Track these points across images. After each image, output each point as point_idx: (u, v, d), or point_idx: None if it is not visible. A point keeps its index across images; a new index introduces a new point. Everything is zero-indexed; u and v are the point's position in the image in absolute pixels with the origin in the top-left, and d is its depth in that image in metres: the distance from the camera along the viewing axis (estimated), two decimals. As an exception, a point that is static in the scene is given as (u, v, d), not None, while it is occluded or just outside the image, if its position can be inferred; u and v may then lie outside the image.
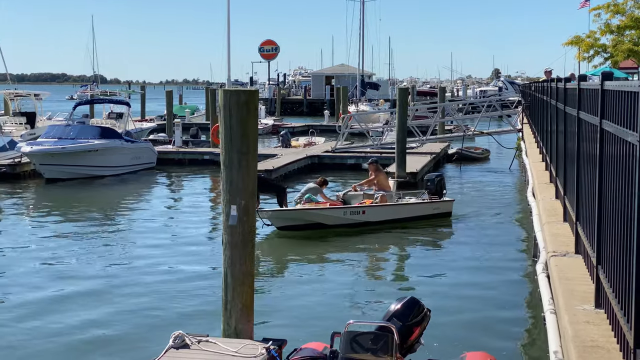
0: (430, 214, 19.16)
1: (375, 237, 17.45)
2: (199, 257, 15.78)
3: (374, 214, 18.32)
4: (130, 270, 14.77)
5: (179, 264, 15.15)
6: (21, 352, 10.19)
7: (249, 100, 8.60)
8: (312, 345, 7.99)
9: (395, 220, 18.51)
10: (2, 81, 64.52)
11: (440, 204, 19.39)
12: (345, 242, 17.03)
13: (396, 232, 18.04)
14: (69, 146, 27.22)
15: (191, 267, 15.01)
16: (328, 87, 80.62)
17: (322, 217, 17.76)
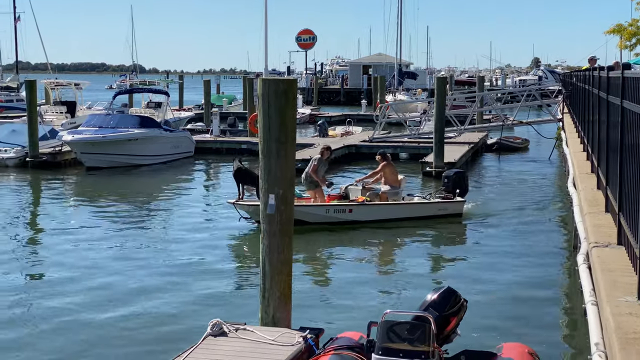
0: (434, 214, 17.76)
1: (403, 230, 17.30)
2: (237, 245, 15.85)
3: (362, 213, 17.24)
4: (169, 257, 14.90)
5: (217, 252, 15.25)
6: (63, 337, 10.34)
7: (287, 89, 8.60)
8: (348, 335, 8.00)
9: (388, 221, 17.31)
10: (43, 71, 65.51)
11: (448, 204, 17.94)
12: (377, 234, 16.95)
13: (412, 228, 17.16)
14: (110, 135, 27.51)
15: (229, 255, 15.11)
16: (365, 76, 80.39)
17: (302, 214, 16.36)
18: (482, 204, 20.15)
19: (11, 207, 20.93)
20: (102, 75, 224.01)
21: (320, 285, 13.18)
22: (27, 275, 13.82)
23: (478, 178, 27.05)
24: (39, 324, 10.93)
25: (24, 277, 13.66)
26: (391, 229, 17.21)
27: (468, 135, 33.47)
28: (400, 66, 71.36)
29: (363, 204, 17.43)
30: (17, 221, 19.02)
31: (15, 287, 12.90)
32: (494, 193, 23.18)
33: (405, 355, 6.69)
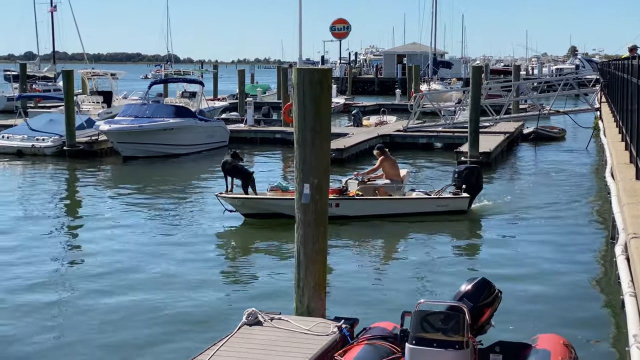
0: (433, 211, 16.97)
1: (438, 219, 17.20)
2: (272, 235, 15.88)
3: (349, 207, 16.63)
4: (205, 246, 15.00)
5: (252, 241, 15.33)
6: (99, 325, 10.47)
7: (322, 78, 8.58)
8: (381, 325, 8.00)
9: (381, 216, 16.70)
10: (79, 61, 66.13)
11: (449, 200, 17.09)
12: (406, 226, 16.88)
13: (412, 224, 16.65)
14: (146, 124, 27.73)
15: (264, 245, 15.16)
16: (400, 65, 79.94)
17: (282, 207, 16.11)
18: (513, 195, 19.98)
19: (49, 195, 21.22)
20: (138, 65, 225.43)
21: (353, 276, 13.17)
22: (63, 262, 14.01)
23: (513, 168, 26.86)
24: (76, 311, 11.07)
25: (61, 264, 13.84)
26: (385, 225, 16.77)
27: (503, 125, 33.19)
28: (435, 55, 70.85)
29: (351, 198, 16.69)
30: (54, 209, 19.29)
31: (53, 273, 13.08)
32: (530, 183, 23.01)
33: (439, 345, 6.67)
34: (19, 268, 13.36)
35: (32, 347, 9.65)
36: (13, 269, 13.28)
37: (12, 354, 9.46)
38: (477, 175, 17.43)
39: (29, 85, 51.62)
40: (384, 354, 7.27)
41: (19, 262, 13.76)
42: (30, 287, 12.25)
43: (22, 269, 13.29)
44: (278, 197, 16.55)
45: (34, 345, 9.73)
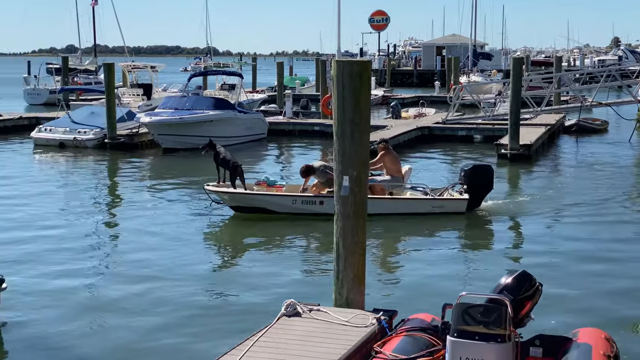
0: (428, 212, 16.15)
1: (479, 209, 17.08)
2: (311, 226, 15.89)
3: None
4: (243, 238, 15.09)
5: (291, 233, 15.35)
6: (139, 316, 10.60)
7: (362, 70, 8.56)
8: (420, 316, 7.99)
9: (371, 215, 16.29)
10: (120, 54, 66.79)
11: (445, 201, 16.41)
12: (449, 219, 16.79)
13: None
14: (186, 117, 27.93)
15: (303, 237, 15.18)
16: (439, 57, 79.50)
17: (267, 203, 16.25)
18: (554, 189, 19.76)
19: (90, 187, 21.51)
20: (177, 57, 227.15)
21: (391, 268, 13.15)
22: (103, 253, 14.19)
23: (554, 161, 26.58)
24: (118, 302, 11.21)
25: (100, 255, 14.02)
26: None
27: (544, 117, 32.84)
28: (475, 47, 70.26)
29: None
30: (95, 201, 19.53)
31: (92, 263, 13.27)
32: (571, 176, 22.78)
33: (481, 338, 6.64)
34: (60, 257, 13.59)
35: (77, 332, 9.81)
36: (54, 258, 13.51)
37: (58, 339, 9.62)
38: (485, 174, 16.74)
39: (70, 79, 52.28)
40: (423, 346, 7.26)
41: (60, 252, 13.98)
42: (68, 274, 12.45)
43: (63, 258, 13.51)
44: (260, 193, 16.49)
45: (79, 330, 9.89)
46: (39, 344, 9.60)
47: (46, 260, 13.43)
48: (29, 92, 53.37)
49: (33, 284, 11.93)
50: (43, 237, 15.15)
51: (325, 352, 7.26)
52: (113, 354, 9.30)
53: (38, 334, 9.88)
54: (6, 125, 34.04)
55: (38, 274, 12.59)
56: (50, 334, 9.90)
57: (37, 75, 56.89)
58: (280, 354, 7.24)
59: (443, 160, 27.27)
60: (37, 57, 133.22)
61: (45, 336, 9.83)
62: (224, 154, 16.86)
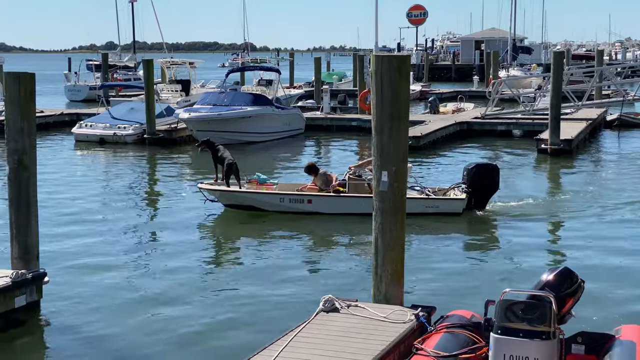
0: (421, 212, 15.41)
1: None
2: (349, 222, 15.83)
3: (322, 204, 15.97)
4: (281, 233, 15.08)
5: (328, 229, 15.32)
6: (182, 313, 10.66)
7: (400, 65, 8.51)
8: (459, 313, 7.92)
9: (358, 215, 15.29)
10: (158, 50, 67.22)
11: (439, 201, 15.93)
12: (491, 215, 16.64)
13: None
14: (224, 112, 28.04)
15: (342, 232, 15.13)
16: (477, 52, 78.85)
17: (255, 201, 16.32)
18: (596, 185, 19.47)
19: (129, 182, 21.72)
20: (215, 53, 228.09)
21: (428, 264, 13.07)
22: (144, 248, 14.30)
23: (596, 156, 26.22)
24: (156, 296, 11.31)
25: (141, 250, 14.13)
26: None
27: (586, 112, 32.41)
28: (514, 41, 69.58)
29: (325, 195, 16.01)
30: (134, 196, 19.71)
31: (133, 259, 13.39)
32: (613, 171, 22.49)
33: (525, 335, 6.56)
34: (100, 250, 13.74)
35: (117, 324, 9.92)
36: (95, 251, 13.66)
37: (98, 331, 9.73)
38: (489, 173, 16.22)
39: (110, 75, 52.83)
40: (464, 343, 7.20)
41: (100, 246, 14.14)
42: (109, 268, 12.59)
43: (103, 252, 13.67)
44: (249, 191, 16.53)
45: (119, 322, 9.99)
46: (80, 336, 9.71)
47: (87, 254, 13.58)
48: (70, 89, 54.04)
49: (74, 277, 12.08)
50: (83, 231, 15.32)
51: (363, 348, 7.24)
52: (151, 345, 9.37)
53: (79, 326, 10.00)
54: (48, 121, 34.50)
55: (79, 267, 12.73)
56: (90, 325, 10.01)
57: (77, 72, 57.58)
58: (319, 350, 7.23)
59: (482, 156, 27.04)
60: (78, 54, 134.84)
61: (86, 328, 9.94)
62: (221, 151, 16.98)
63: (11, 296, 9.63)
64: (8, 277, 9.70)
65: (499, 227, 15.66)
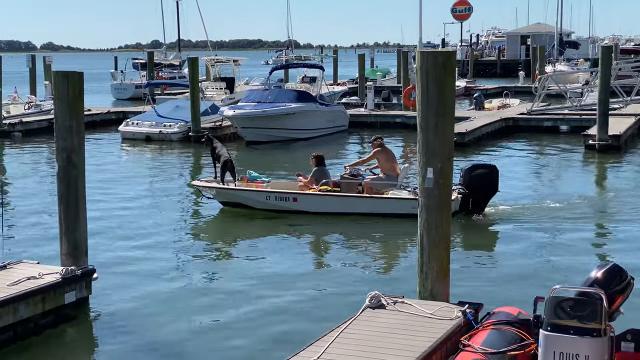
0: (407, 213, 14.60)
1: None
2: (394, 218, 15.78)
3: (308, 203, 15.79)
4: (326, 229, 15.07)
5: (373, 225, 15.26)
6: (228, 310, 10.74)
7: (446, 61, 8.46)
8: (506, 310, 7.86)
9: (346, 214, 15.43)
10: (203, 48, 67.82)
11: None
12: (532, 212, 16.42)
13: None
14: (269, 110, 28.14)
15: (387, 229, 15.08)
16: (523, 47, 77.99)
17: (243, 198, 16.33)
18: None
19: (175, 179, 21.94)
20: (259, 51, 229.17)
21: (475, 261, 12.97)
22: (191, 246, 14.43)
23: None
24: (202, 294, 11.40)
25: (188, 248, 14.26)
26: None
27: (634, 107, 31.81)
28: (561, 35, 68.64)
29: (310, 193, 15.88)
30: (180, 193, 19.87)
31: (180, 257, 13.52)
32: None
33: (575, 332, 6.47)
34: (148, 248, 13.90)
35: (164, 322, 10.03)
36: (142, 249, 13.83)
37: (145, 328, 9.85)
38: (488, 175, 15.53)
39: (155, 73, 53.39)
40: (512, 339, 7.14)
41: (148, 244, 14.31)
42: (157, 265, 12.72)
43: (151, 250, 13.83)
44: (237, 188, 16.51)
45: (166, 320, 10.10)
46: (127, 331, 9.84)
47: (134, 251, 13.76)
48: (116, 87, 54.75)
49: (122, 274, 12.24)
50: (131, 228, 15.52)
51: (410, 345, 7.22)
52: (196, 341, 9.45)
53: (127, 322, 10.13)
54: (95, 119, 34.99)
55: (127, 263, 12.90)
56: (138, 321, 10.14)
57: (123, 70, 58.32)
58: (366, 346, 7.23)
59: (528, 152, 26.77)
60: (124, 52, 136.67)
61: (133, 324, 10.07)
62: (218, 148, 17.07)
63: (61, 292, 9.78)
64: (58, 273, 9.87)
65: (544, 224, 15.44)
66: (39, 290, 9.48)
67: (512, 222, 15.45)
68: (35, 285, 9.51)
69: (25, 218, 16.34)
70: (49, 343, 9.45)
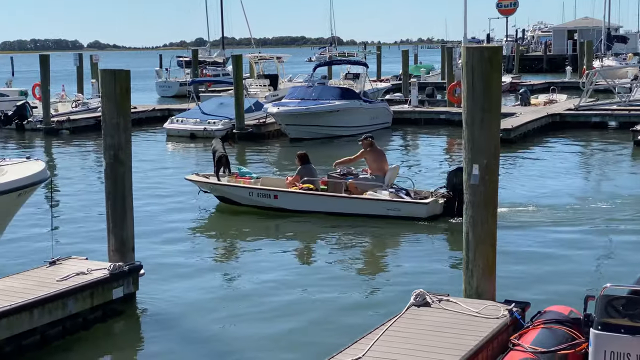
0: (383, 215, 14.96)
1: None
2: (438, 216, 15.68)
3: (288, 201, 15.89)
4: (371, 226, 15.00)
5: (419, 222, 15.17)
6: (275, 307, 10.78)
7: (492, 57, 8.38)
8: (556, 308, 7.75)
9: (326, 214, 15.41)
10: (246, 45, 68.11)
11: (401, 204, 15.07)
12: (579, 210, 16.16)
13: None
14: (313, 107, 28.16)
15: (431, 226, 14.98)
16: (570, 41, 76.97)
17: (228, 193, 16.59)
18: None
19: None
20: (302, 48, 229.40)
21: (521, 260, 12.82)
22: (238, 245, 14.51)
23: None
24: (250, 292, 11.45)
25: (235, 247, 14.36)
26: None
27: (685, 102, 31.23)
28: (609, 29, 67.57)
29: (290, 191, 16.00)
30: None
31: (227, 255, 13.61)
32: None
33: (626, 331, 6.36)
34: (195, 246, 14.04)
35: (210, 319, 10.10)
36: (189, 246, 13.96)
37: (192, 323, 9.94)
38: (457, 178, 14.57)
39: (199, 71, 53.77)
40: (563, 338, 7.04)
41: (195, 241, 14.45)
42: (202, 262, 12.83)
43: (198, 247, 13.97)
44: (223, 183, 16.68)
45: (212, 317, 10.18)
46: (174, 327, 9.94)
47: (180, 247, 13.88)
48: (161, 85, 55.26)
49: (168, 270, 12.35)
50: (177, 224, 15.66)
51: (456, 343, 7.16)
52: (242, 338, 9.50)
53: (173, 317, 10.23)
54: (140, 117, 35.39)
55: (173, 259, 13.02)
56: (185, 317, 10.22)
57: (168, 68, 58.89)
58: (411, 344, 7.20)
59: (575, 148, 26.41)
60: (168, 50, 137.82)
61: (180, 319, 10.16)
62: (214, 144, 17.43)
63: (109, 288, 9.91)
64: (106, 269, 9.99)
65: (592, 222, 15.18)
66: (87, 285, 9.62)
67: (559, 221, 15.22)
68: (84, 281, 9.64)
69: (73, 215, 16.59)
70: (97, 338, 9.58)
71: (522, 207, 15.93)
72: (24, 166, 12.41)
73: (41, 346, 9.06)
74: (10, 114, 32.95)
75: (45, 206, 16.76)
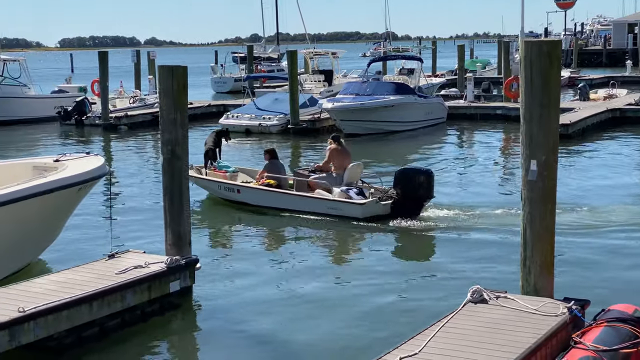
0: (326, 213, 14.99)
1: None
2: (496, 213, 15.49)
3: (249, 195, 16.15)
4: (429, 221, 14.87)
5: (474, 219, 15.02)
6: (330, 302, 10.79)
7: (551, 51, 8.23)
8: (620, 307, 7.61)
9: (283, 210, 15.57)
10: (301, 41, 68.36)
11: (340, 204, 14.92)
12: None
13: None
14: (367, 102, 28.11)
15: (488, 222, 14.80)
16: (630, 35, 75.39)
17: (205, 187, 17.17)
18: None
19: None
20: (356, 43, 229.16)
21: (580, 257, 12.61)
22: (294, 242, 14.54)
23: None
24: (306, 292, 11.46)
25: (291, 244, 14.40)
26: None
27: None
28: (671, 22, 65.94)
29: (250, 186, 16.26)
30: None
31: (284, 252, 13.66)
32: None
33: None
34: (251, 241, 14.12)
35: (264, 315, 10.16)
36: (245, 241, 14.05)
37: (247, 318, 10.01)
38: (420, 179, 14.81)
39: (254, 67, 54.07)
40: (625, 337, 6.91)
41: (250, 237, 14.53)
42: (259, 259, 12.90)
43: (254, 243, 14.04)
44: (198, 176, 16.94)
45: (266, 313, 10.24)
46: (230, 321, 10.02)
47: (236, 241, 14.00)
48: (216, 81, 55.72)
49: (224, 264, 12.48)
50: (231, 217, 15.78)
51: (514, 340, 7.08)
52: (298, 336, 9.54)
53: (229, 312, 10.32)
54: (196, 112, 35.74)
55: (229, 253, 13.14)
56: (240, 311, 10.29)
57: (223, 64, 59.34)
58: (468, 341, 7.14)
59: (636, 144, 25.86)
60: (224, 46, 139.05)
61: (236, 313, 10.24)
62: (207, 138, 18.20)
63: (166, 281, 10.03)
64: (163, 262, 10.12)
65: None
66: (145, 278, 9.75)
67: (618, 219, 14.88)
68: (141, 274, 9.78)
69: (131, 209, 16.85)
70: (155, 330, 9.71)
71: (579, 204, 15.64)
72: (84, 161, 12.62)
73: (100, 338, 9.22)
74: (69, 109, 33.65)
75: (103, 200, 17.06)
